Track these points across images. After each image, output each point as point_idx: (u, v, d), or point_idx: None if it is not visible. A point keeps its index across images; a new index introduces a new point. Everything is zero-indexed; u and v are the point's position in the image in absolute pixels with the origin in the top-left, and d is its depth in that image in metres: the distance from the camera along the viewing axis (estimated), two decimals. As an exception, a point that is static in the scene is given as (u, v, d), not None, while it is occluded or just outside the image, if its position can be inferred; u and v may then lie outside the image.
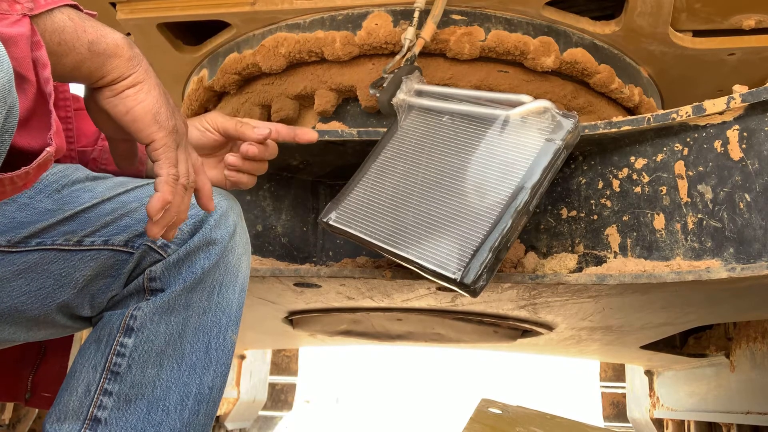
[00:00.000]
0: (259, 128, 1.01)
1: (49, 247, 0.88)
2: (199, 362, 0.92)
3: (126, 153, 0.84)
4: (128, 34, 1.81)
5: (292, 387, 4.30)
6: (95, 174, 0.97)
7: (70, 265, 0.89)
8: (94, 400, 0.88)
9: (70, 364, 1.17)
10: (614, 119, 1.26)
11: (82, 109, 1.13)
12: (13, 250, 0.87)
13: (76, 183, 0.93)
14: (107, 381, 0.89)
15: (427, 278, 1.10)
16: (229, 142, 1.07)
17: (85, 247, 0.90)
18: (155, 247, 0.91)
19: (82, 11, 0.71)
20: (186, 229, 0.92)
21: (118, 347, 0.89)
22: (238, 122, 1.01)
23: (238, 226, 0.97)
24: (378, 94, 1.31)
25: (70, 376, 0.92)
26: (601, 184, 1.30)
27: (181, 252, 0.92)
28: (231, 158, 1.03)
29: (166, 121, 0.74)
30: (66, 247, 0.89)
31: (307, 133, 1.07)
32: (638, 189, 1.25)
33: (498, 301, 1.49)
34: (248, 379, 3.47)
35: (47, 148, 0.63)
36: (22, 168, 0.62)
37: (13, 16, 0.61)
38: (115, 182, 0.96)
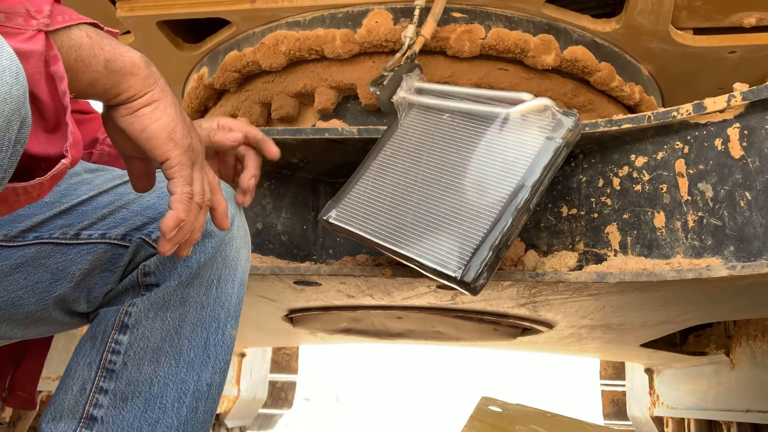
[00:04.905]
0: (233, 133, 0.99)
1: (46, 240, 0.88)
2: (197, 358, 0.91)
3: (142, 172, 0.83)
4: (127, 32, 1.81)
5: (292, 385, 4.30)
6: (94, 166, 0.97)
7: (67, 259, 0.89)
8: (90, 398, 0.87)
9: (46, 363, 1.17)
10: (615, 117, 1.26)
11: (77, 112, 1.13)
12: (11, 244, 0.86)
13: (74, 175, 0.93)
14: (102, 379, 0.88)
15: (427, 276, 1.10)
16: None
17: (82, 241, 0.89)
18: (149, 241, 0.90)
19: (102, 29, 0.71)
20: None
21: (112, 344, 0.88)
22: (210, 131, 1.00)
23: (236, 217, 0.96)
24: (378, 92, 1.31)
25: (66, 374, 0.91)
26: (601, 182, 1.30)
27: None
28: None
29: (182, 140, 0.75)
30: (63, 241, 0.88)
31: (271, 148, 1.04)
32: (638, 187, 1.25)
33: (498, 299, 1.49)
34: (248, 377, 3.47)
35: (63, 160, 0.64)
36: (37, 179, 0.63)
37: (28, 32, 0.61)
38: (113, 174, 0.95)
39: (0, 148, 0.55)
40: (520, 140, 1.11)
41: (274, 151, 1.01)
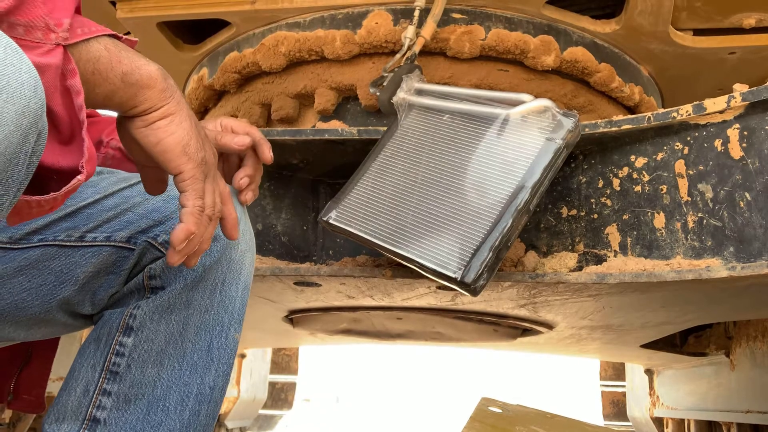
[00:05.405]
0: (241, 137, 0.98)
1: (50, 243, 0.88)
2: (200, 361, 0.91)
3: (155, 179, 0.83)
4: (128, 33, 1.81)
5: (292, 386, 4.30)
6: (99, 169, 0.97)
7: (72, 262, 0.89)
8: (93, 400, 0.88)
9: (53, 367, 1.17)
10: (614, 118, 1.26)
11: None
12: (15, 246, 0.86)
13: None
14: (106, 381, 0.88)
15: (427, 277, 1.10)
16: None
17: (87, 243, 0.89)
18: (156, 244, 0.91)
19: (120, 39, 0.71)
20: None
21: (117, 347, 0.89)
22: (217, 134, 0.99)
23: (241, 221, 0.96)
24: (378, 93, 1.31)
25: (70, 375, 0.91)
26: (601, 183, 1.30)
27: None
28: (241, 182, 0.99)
29: (196, 153, 0.75)
30: (68, 243, 0.88)
31: (266, 153, 1.01)
32: (638, 188, 1.25)
33: (498, 299, 1.49)
34: (248, 378, 3.47)
35: (78, 176, 0.64)
36: (51, 194, 0.63)
37: (46, 46, 0.61)
38: (118, 177, 0.95)
39: (17, 160, 0.55)
40: (520, 141, 1.11)
41: (267, 156, 1.00)
